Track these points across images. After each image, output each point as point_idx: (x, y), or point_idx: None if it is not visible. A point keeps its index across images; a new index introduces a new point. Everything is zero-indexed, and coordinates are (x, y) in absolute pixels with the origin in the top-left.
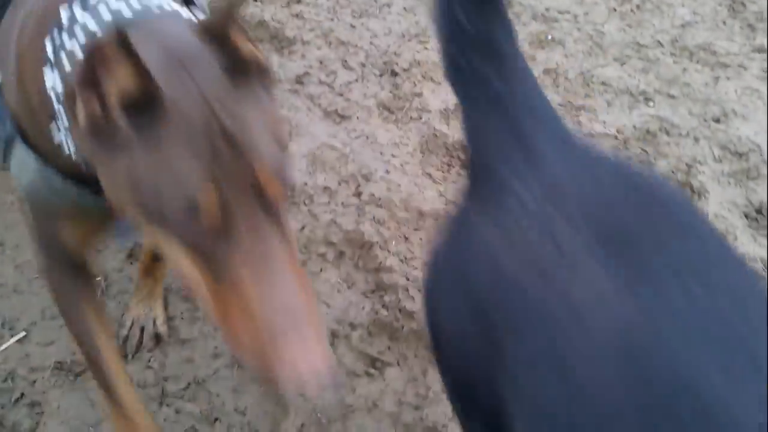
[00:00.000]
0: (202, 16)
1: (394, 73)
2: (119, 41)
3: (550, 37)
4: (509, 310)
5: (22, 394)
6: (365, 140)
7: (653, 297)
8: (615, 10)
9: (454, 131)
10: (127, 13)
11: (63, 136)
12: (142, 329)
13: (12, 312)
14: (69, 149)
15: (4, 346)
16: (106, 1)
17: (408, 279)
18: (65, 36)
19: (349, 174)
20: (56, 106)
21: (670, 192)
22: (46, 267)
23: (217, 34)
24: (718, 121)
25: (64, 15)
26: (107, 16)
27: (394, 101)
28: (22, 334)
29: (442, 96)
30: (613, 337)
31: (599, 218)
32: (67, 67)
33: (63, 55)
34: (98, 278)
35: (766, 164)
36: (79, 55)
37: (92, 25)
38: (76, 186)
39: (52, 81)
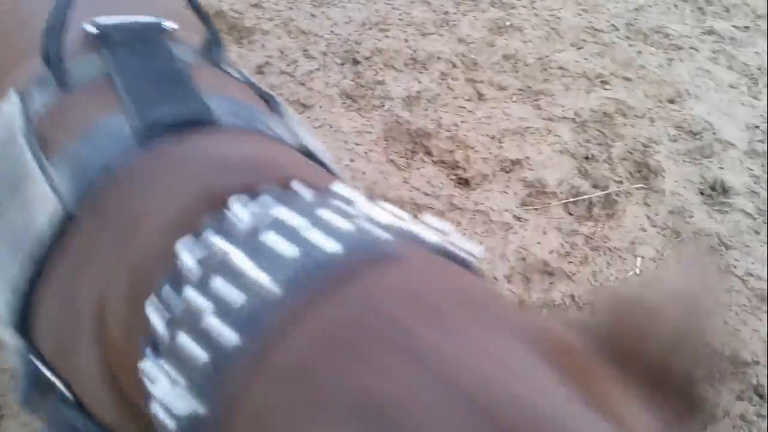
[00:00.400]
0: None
1: (355, 62)
2: None
3: (508, 23)
4: None
5: None
6: (328, 129)
7: None
8: None
9: (417, 118)
10: (333, 247)
11: None
12: None
13: None
14: None
15: None
16: (278, 222)
17: None
18: (191, 292)
19: None
20: None
21: None
22: None
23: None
24: (672, 101)
25: (186, 257)
26: (291, 252)
27: (357, 89)
28: None
29: (404, 83)
30: None
31: None
32: (200, 357)
33: (184, 339)
34: None
35: (719, 142)
36: (218, 333)
37: (255, 270)
38: None
39: (162, 398)
